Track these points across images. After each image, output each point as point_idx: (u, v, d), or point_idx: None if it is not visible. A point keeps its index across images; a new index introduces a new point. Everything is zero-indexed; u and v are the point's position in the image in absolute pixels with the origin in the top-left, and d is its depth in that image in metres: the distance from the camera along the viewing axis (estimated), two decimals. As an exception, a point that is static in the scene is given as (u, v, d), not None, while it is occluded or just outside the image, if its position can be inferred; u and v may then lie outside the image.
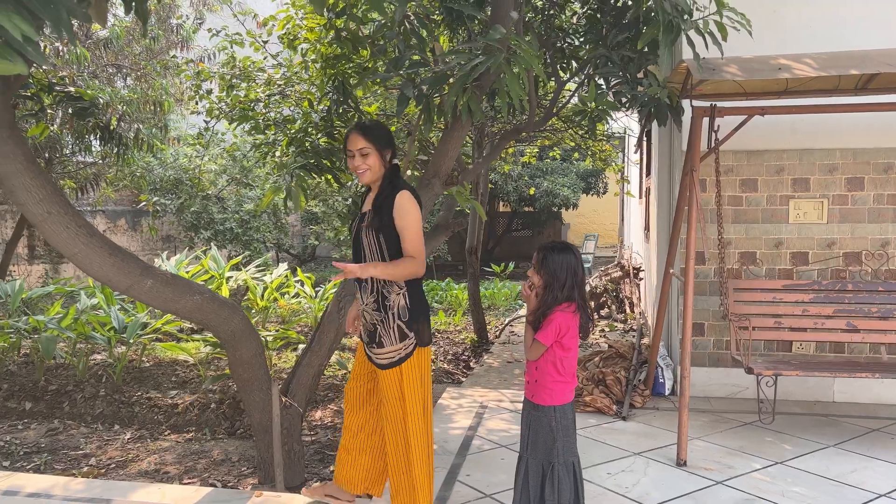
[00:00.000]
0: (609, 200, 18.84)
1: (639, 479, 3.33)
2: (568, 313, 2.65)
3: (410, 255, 2.87)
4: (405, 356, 2.92)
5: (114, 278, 3.12)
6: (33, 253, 10.59)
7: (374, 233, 2.95)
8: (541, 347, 2.66)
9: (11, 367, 6.12)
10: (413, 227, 2.91)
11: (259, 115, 6.28)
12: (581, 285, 2.73)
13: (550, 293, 2.68)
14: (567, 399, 2.71)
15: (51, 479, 3.46)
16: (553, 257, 2.72)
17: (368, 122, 3.13)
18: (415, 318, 2.92)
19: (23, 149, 2.89)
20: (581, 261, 2.77)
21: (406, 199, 2.93)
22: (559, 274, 2.67)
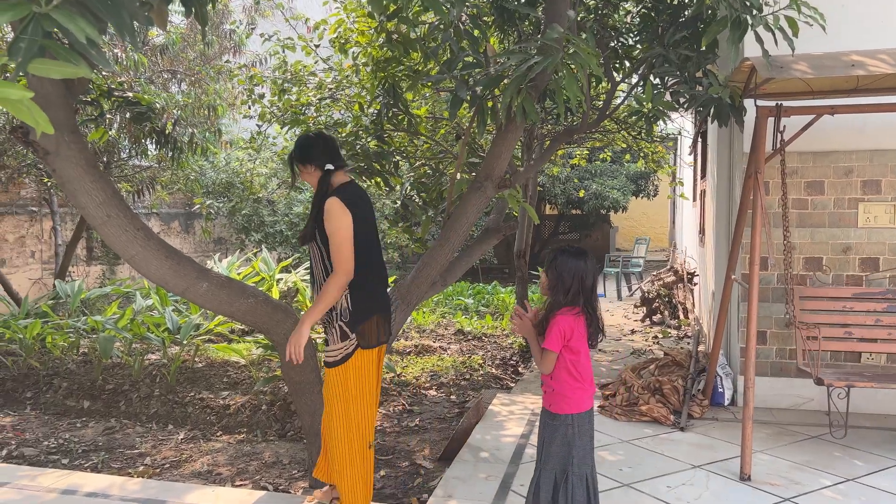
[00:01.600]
0: (659, 203, 18.49)
1: (700, 493, 3.20)
2: (570, 316, 2.59)
3: (334, 266, 2.97)
4: (345, 356, 3.03)
5: (170, 281, 3.15)
6: (91, 254, 10.88)
7: (312, 242, 3.13)
8: (551, 356, 2.58)
9: (71, 366, 6.27)
10: (336, 233, 2.99)
11: (310, 119, 6.32)
12: (589, 293, 2.65)
13: (554, 296, 2.62)
14: (585, 407, 2.62)
15: (108, 479, 3.51)
16: (562, 260, 2.65)
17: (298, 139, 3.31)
18: (358, 320, 3.01)
19: (84, 153, 2.93)
20: (594, 270, 2.69)
21: (331, 205, 3.01)
22: (565, 277, 2.61)
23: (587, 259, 2.67)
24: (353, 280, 3.03)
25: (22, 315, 7.03)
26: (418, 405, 5.66)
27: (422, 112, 6.36)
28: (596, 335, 2.68)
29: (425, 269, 3.96)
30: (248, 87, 6.65)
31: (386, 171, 5.52)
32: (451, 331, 8.71)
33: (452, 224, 3.88)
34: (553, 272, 2.66)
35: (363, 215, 3.12)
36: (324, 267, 3.12)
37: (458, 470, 3.48)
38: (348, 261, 2.98)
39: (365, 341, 3.08)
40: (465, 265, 4.27)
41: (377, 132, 5.72)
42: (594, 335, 2.67)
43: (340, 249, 2.98)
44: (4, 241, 9.56)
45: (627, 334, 7.58)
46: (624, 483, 3.31)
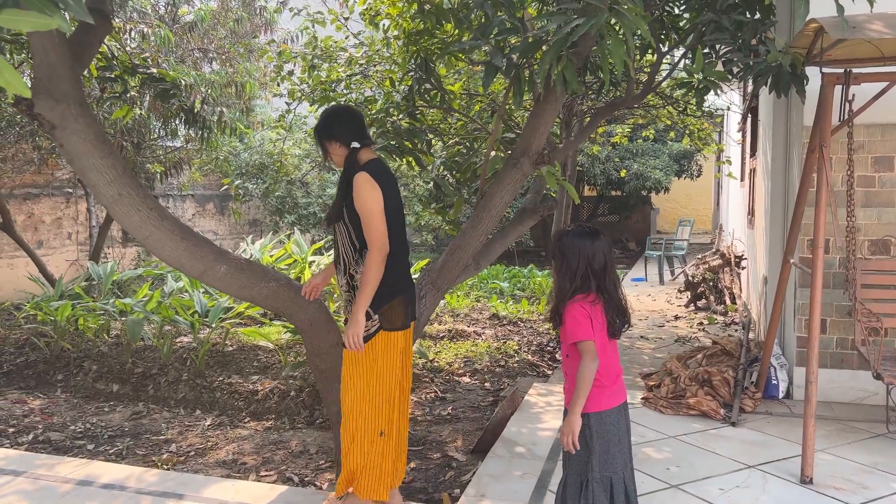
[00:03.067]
0: (702, 184, 17.93)
1: (757, 496, 2.93)
2: (585, 304, 2.31)
3: (369, 244, 2.84)
4: (366, 337, 2.89)
5: (186, 263, 2.97)
6: (127, 236, 10.90)
7: (340, 222, 2.95)
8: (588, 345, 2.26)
9: (103, 348, 6.22)
10: (367, 207, 2.83)
11: (340, 97, 6.11)
12: (601, 277, 2.35)
13: (560, 282, 2.36)
14: (608, 405, 2.34)
15: (126, 470, 3.37)
16: (566, 241, 2.39)
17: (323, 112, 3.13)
18: (381, 301, 2.86)
19: (93, 127, 2.75)
20: (605, 249, 2.40)
21: (361, 179, 2.85)
22: (570, 260, 2.35)
23: (596, 238, 2.40)
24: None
25: (55, 297, 7.01)
26: (451, 392, 5.46)
27: (455, 88, 6.09)
28: (618, 325, 2.38)
29: (457, 253, 3.72)
30: (278, 64, 6.46)
31: (418, 150, 5.28)
32: (485, 315, 8.48)
33: (486, 204, 3.64)
34: (558, 254, 2.41)
35: (391, 193, 2.95)
36: (352, 246, 2.96)
37: (491, 466, 3.26)
38: (383, 235, 2.84)
39: (389, 323, 2.93)
40: (500, 248, 4.02)
41: (409, 109, 5.48)
42: (615, 324, 2.38)
43: (372, 224, 2.83)
44: (41, 223, 9.61)
45: (671, 320, 7.26)
46: (671, 484, 3.05)
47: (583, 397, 2.23)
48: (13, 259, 9.08)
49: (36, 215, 9.51)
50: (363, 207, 2.84)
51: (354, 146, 2.97)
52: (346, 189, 2.93)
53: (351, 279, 2.96)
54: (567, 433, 2.24)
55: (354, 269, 2.94)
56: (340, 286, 3.05)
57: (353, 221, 2.91)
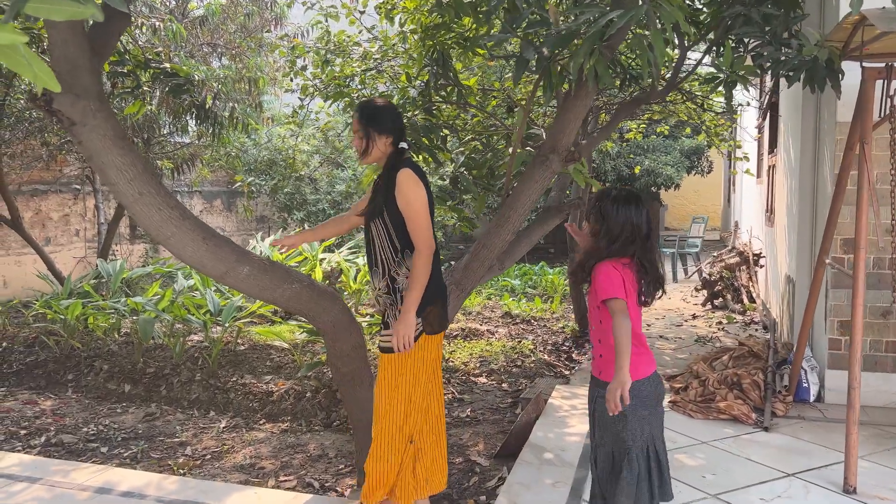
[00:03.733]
0: (711, 180, 17.79)
1: (800, 508, 2.83)
2: (618, 265, 2.22)
3: (416, 244, 2.75)
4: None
5: (208, 264, 2.87)
6: (135, 233, 10.82)
7: (378, 219, 2.83)
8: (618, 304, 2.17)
9: (113, 347, 6.13)
10: (413, 205, 2.74)
11: (354, 92, 6.01)
12: (645, 243, 2.26)
13: (599, 242, 2.26)
14: (642, 374, 2.25)
15: (144, 476, 3.28)
16: (608, 208, 2.27)
17: (367, 101, 2.95)
18: (424, 303, 2.77)
19: (112, 122, 2.65)
20: (647, 214, 2.29)
21: (407, 176, 2.75)
22: (612, 225, 2.25)
23: (640, 204, 2.29)
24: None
25: (64, 295, 6.93)
26: (468, 393, 5.36)
27: (471, 83, 5.99)
28: (652, 290, 2.28)
29: (482, 252, 3.62)
30: (290, 59, 6.35)
31: (434, 147, 5.18)
32: (497, 313, 8.39)
33: (512, 202, 3.53)
34: (598, 216, 2.30)
35: (431, 195, 2.89)
36: (392, 247, 2.83)
37: (521, 474, 3.16)
38: (430, 234, 2.77)
39: (430, 326, 2.84)
40: (524, 248, 3.92)
41: (425, 104, 5.38)
42: (648, 290, 2.27)
43: (419, 222, 2.75)
44: (49, 220, 9.53)
45: (689, 319, 7.15)
46: (709, 493, 2.94)
47: (627, 352, 2.13)
48: (21, 256, 9.00)
49: (43, 212, 9.42)
50: (410, 205, 2.75)
51: (403, 146, 2.88)
52: (389, 186, 2.81)
53: (392, 282, 2.83)
54: (616, 389, 2.11)
55: (396, 272, 2.82)
56: (377, 289, 2.92)
57: (395, 221, 2.80)
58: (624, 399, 2.10)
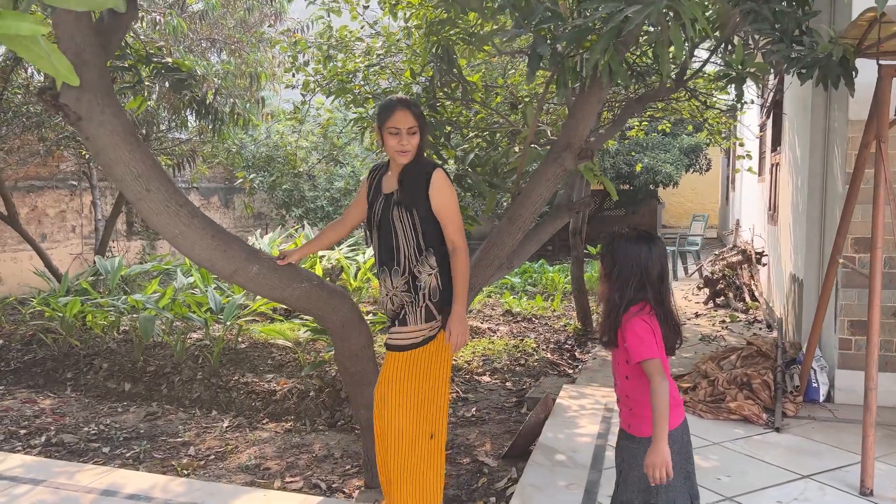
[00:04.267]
0: (708, 178, 17.76)
1: (818, 511, 2.79)
2: (645, 317, 2.10)
3: (454, 244, 2.75)
4: (426, 339, 2.77)
5: (217, 263, 2.81)
6: (132, 229, 10.73)
7: (406, 211, 2.76)
8: (654, 364, 2.05)
9: (112, 345, 6.06)
10: (455, 208, 2.77)
11: (357, 88, 5.95)
12: (657, 286, 2.15)
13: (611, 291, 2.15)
14: (672, 425, 2.11)
15: (150, 479, 3.22)
16: (619, 247, 2.17)
17: (412, 100, 2.94)
18: (446, 300, 2.76)
19: (121, 119, 2.59)
20: (662, 256, 2.18)
21: (444, 177, 2.76)
22: (623, 267, 2.13)
23: (653, 243, 2.18)
24: (440, 258, 2.78)
25: (62, 292, 6.85)
26: (473, 392, 5.32)
27: (475, 79, 5.93)
28: (673, 339, 2.19)
29: (492, 250, 3.57)
30: (292, 55, 6.28)
31: (439, 144, 5.13)
32: (498, 311, 8.34)
33: (524, 200, 3.48)
34: (609, 260, 2.19)
35: None
36: (416, 243, 2.76)
37: (533, 476, 3.12)
38: (464, 235, 2.79)
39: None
40: (533, 247, 3.87)
41: (429, 101, 5.33)
42: (671, 339, 2.18)
43: (459, 223, 2.77)
44: (45, 216, 9.44)
45: (692, 318, 7.12)
46: (725, 496, 2.91)
47: (665, 421, 2.03)
48: (17, 252, 8.91)
49: (39, 208, 9.33)
50: (447, 205, 2.74)
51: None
52: (420, 184, 2.76)
53: (413, 280, 2.77)
54: (660, 465, 2.01)
55: (419, 269, 2.77)
56: (394, 287, 2.82)
57: (424, 219, 2.75)
58: (668, 474, 2.02)
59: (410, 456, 2.80)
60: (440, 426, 2.89)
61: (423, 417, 2.83)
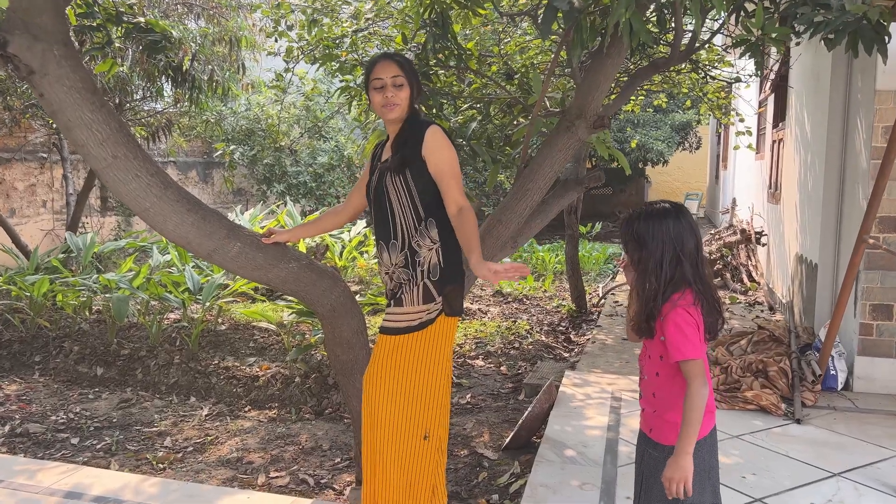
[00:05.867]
0: (697, 156, 17.56)
1: (857, 514, 2.57)
2: (690, 308, 1.80)
3: (458, 205, 2.40)
4: (424, 323, 2.45)
5: (194, 240, 2.49)
6: (106, 204, 10.29)
7: (401, 177, 2.46)
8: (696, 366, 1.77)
9: (84, 327, 5.72)
10: (454, 167, 2.43)
11: (344, 55, 5.60)
12: (695, 260, 1.83)
13: (644, 280, 1.83)
14: (702, 432, 1.84)
15: (121, 478, 2.92)
16: (642, 226, 1.84)
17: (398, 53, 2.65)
18: (447, 280, 2.46)
19: (81, 73, 2.25)
20: (693, 223, 1.87)
21: (440, 134, 2.45)
22: (652, 247, 1.82)
23: (680, 212, 1.86)
24: (441, 230, 2.46)
25: (30, 270, 6.47)
26: (466, 377, 5.06)
27: (469, 45, 5.60)
28: (716, 323, 1.88)
29: (497, 228, 3.28)
30: (275, 19, 5.89)
31: (434, 114, 4.82)
32: (488, 292, 8.08)
33: (532, 174, 3.19)
34: (633, 245, 1.87)
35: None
36: (415, 215, 2.46)
37: (543, 474, 2.86)
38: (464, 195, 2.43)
39: (449, 307, 2.48)
40: (539, 225, 3.59)
41: (422, 69, 5.00)
42: (713, 325, 1.87)
43: (459, 181, 2.42)
44: (14, 190, 8.98)
45: (689, 299, 6.90)
46: (755, 497, 2.67)
47: (695, 432, 1.76)
48: (-17, 228, 8.45)
49: (7, 181, 8.87)
50: (446, 163, 2.41)
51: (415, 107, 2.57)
52: (414, 143, 2.45)
53: (412, 255, 2.46)
54: (678, 480, 1.75)
55: (418, 243, 2.46)
56: (392, 264, 2.52)
57: (419, 183, 2.44)
58: (687, 492, 1.76)
59: (398, 459, 2.52)
60: (436, 426, 2.56)
61: (416, 414, 2.52)
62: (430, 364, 2.52)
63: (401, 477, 2.56)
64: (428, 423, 2.55)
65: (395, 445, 2.52)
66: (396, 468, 2.54)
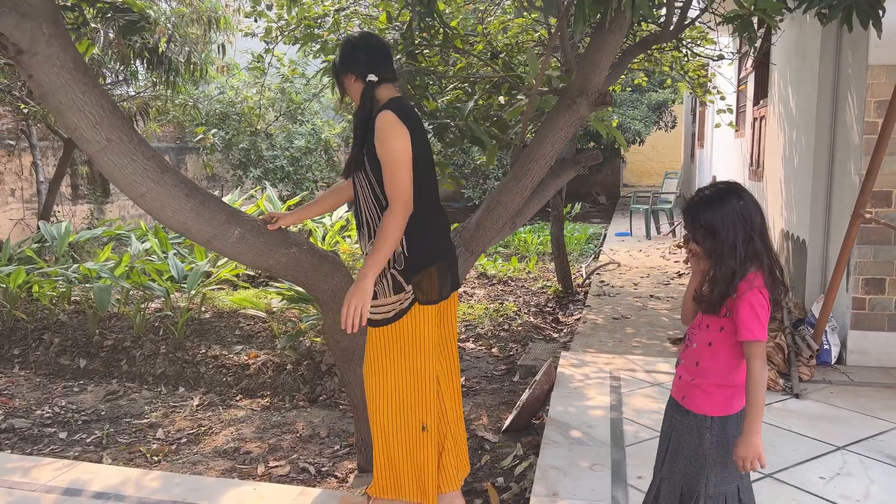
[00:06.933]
0: (671, 136, 17.68)
1: (866, 487, 2.58)
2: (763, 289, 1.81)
3: (389, 200, 2.34)
4: (399, 313, 2.43)
5: (193, 226, 2.41)
6: (77, 192, 10.02)
7: (360, 172, 2.46)
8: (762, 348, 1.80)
9: (62, 317, 5.57)
10: (392, 155, 2.32)
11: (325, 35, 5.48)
12: (763, 233, 1.85)
13: (720, 262, 1.82)
14: (734, 408, 1.89)
15: (120, 472, 2.83)
16: (707, 214, 1.83)
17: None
18: (416, 268, 2.42)
19: (71, 53, 2.14)
20: (753, 200, 1.88)
21: (385, 120, 2.33)
22: (727, 234, 1.81)
23: (740, 191, 1.87)
24: (410, 221, 2.37)
25: (3, 261, 6.27)
26: (459, 361, 5.02)
27: (453, 24, 5.52)
28: (780, 294, 1.87)
29: (496, 210, 3.23)
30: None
31: (420, 95, 4.74)
32: (473, 274, 8.05)
33: (532, 153, 3.14)
34: (703, 233, 1.86)
35: (419, 138, 2.41)
36: (376, 203, 2.44)
37: (551, 456, 2.84)
38: (407, 189, 2.32)
39: (424, 295, 2.43)
40: (537, 205, 3.54)
41: (408, 48, 4.91)
42: (778, 295, 1.86)
43: (397, 174, 2.31)
44: (-20, 179, 8.70)
45: (674, 278, 6.95)
46: (765, 473, 2.68)
47: (760, 412, 1.78)
48: (-50, 218, 8.19)
49: (-26, 170, 8.59)
50: (387, 153, 2.32)
51: (371, 79, 2.43)
52: (365, 132, 2.42)
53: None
54: (751, 458, 1.78)
55: None
56: (364, 253, 2.54)
57: (377, 172, 2.39)
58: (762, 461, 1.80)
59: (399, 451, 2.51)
60: (433, 415, 2.53)
61: (409, 406, 2.50)
62: (414, 354, 2.48)
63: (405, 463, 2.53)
64: (423, 414, 2.51)
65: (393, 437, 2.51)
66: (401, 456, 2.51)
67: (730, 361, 1.85)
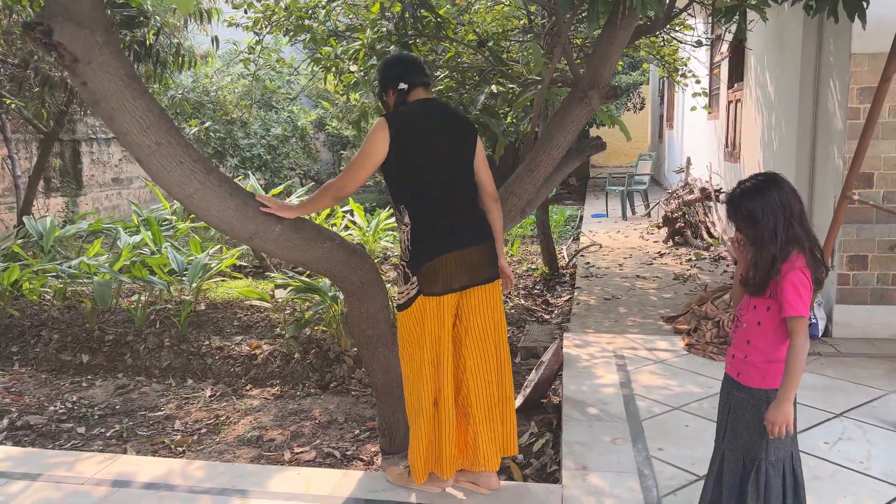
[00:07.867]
0: (639, 118, 17.97)
1: (867, 450, 2.80)
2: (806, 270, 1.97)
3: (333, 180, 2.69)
4: (408, 301, 2.64)
5: (237, 224, 2.50)
6: (50, 185, 9.87)
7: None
8: (804, 323, 1.97)
9: (55, 314, 5.56)
10: (358, 152, 2.64)
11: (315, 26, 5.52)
12: (802, 220, 1.99)
13: (763, 249, 1.98)
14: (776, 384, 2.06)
15: (163, 464, 2.91)
16: (747, 206, 1.99)
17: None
18: (419, 260, 2.60)
19: (122, 60, 2.21)
20: (792, 188, 2.02)
21: (374, 124, 2.66)
22: (768, 223, 1.96)
23: (778, 181, 2.01)
24: (413, 213, 2.63)
25: (-11, 258, 6.20)
26: (459, 344, 5.17)
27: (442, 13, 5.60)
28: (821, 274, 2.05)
29: (510, 200, 3.37)
30: (242, -11, 5.73)
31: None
32: (458, 258, 8.17)
33: (544, 145, 3.28)
34: (746, 222, 2.01)
35: (417, 137, 2.62)
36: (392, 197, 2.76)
37: (575, 433, 3.01)
38: (345, 180, 2.62)
39: (428, 286, 2.59)
40: (545, 193, 3.69)
41: (401, 38, 4.98)
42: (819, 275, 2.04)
43: (349, 166, 2.63)
44: (-48, 174, 8.52)
45: (656, 257, 7.18)
46: (773, 440, 2.88)
47: (796, 381, 1.96)
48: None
49: (-54, 165, 8.41)
50: (360, 148, 2.64)
51: (401, 87, 2.69)
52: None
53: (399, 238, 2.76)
54: (781, 423, 1.97)
55: (399, 227, 2.73)
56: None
57: (387, 175, 2.70)
58: (789, 431, 2.00)
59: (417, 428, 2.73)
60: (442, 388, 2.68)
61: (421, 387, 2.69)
62: (421, 340, 2.66)
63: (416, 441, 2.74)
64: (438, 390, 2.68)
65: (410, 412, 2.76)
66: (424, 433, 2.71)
67: (778, 338, 2.03)
